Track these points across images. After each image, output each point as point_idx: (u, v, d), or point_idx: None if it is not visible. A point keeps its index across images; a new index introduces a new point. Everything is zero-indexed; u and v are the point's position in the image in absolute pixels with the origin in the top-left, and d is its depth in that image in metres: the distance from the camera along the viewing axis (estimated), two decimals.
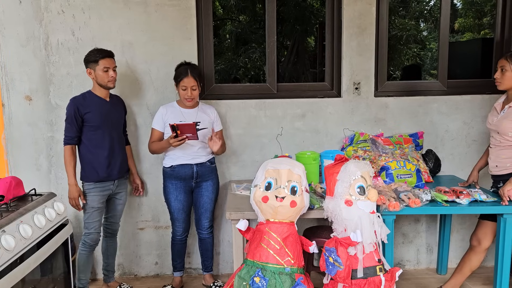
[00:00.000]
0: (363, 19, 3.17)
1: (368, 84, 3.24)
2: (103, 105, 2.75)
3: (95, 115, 2.70)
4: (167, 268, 3.36)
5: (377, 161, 2.95)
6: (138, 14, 3.06)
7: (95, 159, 2.73)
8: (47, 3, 3.01)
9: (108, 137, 2.75)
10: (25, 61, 3.05)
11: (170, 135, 2.71)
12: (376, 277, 2.24)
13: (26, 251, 1.90)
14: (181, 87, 2.80)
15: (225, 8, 8.60)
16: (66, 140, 2.70)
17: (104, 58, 2.67)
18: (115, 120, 2.82)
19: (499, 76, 2.61)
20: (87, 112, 2.68)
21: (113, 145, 2.78)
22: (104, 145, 2.74)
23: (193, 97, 2.84)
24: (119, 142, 2.85)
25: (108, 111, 2.77)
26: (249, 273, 2.24)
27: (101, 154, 2.73)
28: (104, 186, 2.77)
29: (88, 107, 2.69)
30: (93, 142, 2.72)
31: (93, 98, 2.74)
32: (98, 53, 2.68)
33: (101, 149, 2.73)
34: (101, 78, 2.69)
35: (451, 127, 3.32)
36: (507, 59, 2.57)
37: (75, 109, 2.66)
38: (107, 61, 2.68)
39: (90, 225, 2.77)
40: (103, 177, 2.75)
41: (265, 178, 2.34)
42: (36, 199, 2.21)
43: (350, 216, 2.25)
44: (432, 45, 13.12)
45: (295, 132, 3.27)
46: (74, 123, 2.67)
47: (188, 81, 2.79)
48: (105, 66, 2.67)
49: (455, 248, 3.43)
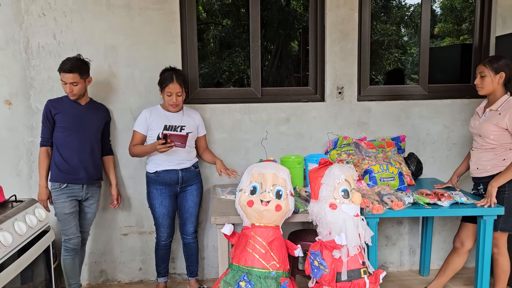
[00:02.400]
0: (346, 25, 3.21)
1: (351, 89, 3.28)
2: (76, 108, 2.74)
3: (65, 117, 2.70)
4: (151, 274, 3.32)
5: (361, 164, 2.98)
6: (121, 17, 3.04)
7: (62, 161, 2.70)
8: (28, 5, 2.96)
9: (79, 140, 2.72)
10: (4, 64, 2.99)
11: (158, 141, 2.68)
12: (360, 279, 2.25)
13: (6, 259, 1.85)
14: (166, 93, 2.79)
15: (208, 12, 8.60)
16: (41, 142, 2.75)
17: (61, 72, 2.65)
18: (88, 124, 2.77)
19: (479, 82, 2.66)
20: (57, 113, 2.70)
21: (83, 149, 2.74)
22: (73, 147, 2.71)
23: (178, 103, 2.83)
24: (92, 147, 2.79)
25: (81, 114, 2.74)
26: (235, 278, 2.24)
27: (68, 156, 2.71)
28: (71, 190, 2.72)
29: (60, 108, 2.71)
30: (62, 143, 2.71)
31: (67, 102, 2.75)
32: (61, 64, 2.66)
33: (70, 151, 2.71)
34: (63, 87, 2.69)
35: (432, 130, 3.38)
36: (485, 65, 2.62)
37: (47, 111, 2.71)
38: (64, 76, 2.64)
39: (67, 231, 2.73)
40: (68, 179, 2.71)
41: (250, 182, 2.34)
42: (16, 205, 2.16)
43: (335, 219, 2.27)
44: (413, 50, 13.36)
45: (279, 136, 3.28)
46: (47, 125, 2.71)
47: (174, 87, 2.77)
48: (62, 79, 2.66)
49: (437, 249, 3.48)
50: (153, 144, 2.73)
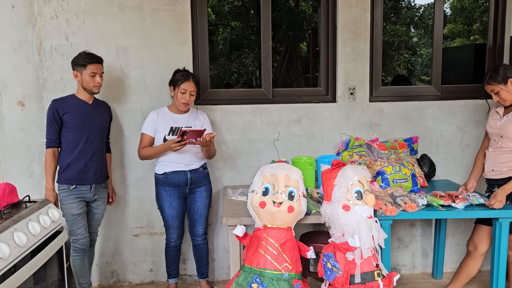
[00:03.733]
0: (358, 25, 3.19)
1: (363, 89, 3.26)
2: (84, 107, 2.72)
3: (73, 116, 2.67)
4: (162, 275, 3.32)
5: (373, 166, 2.95)
6: (133, 19, 3.05)
7: (71, 161, 2.68)
8: (41, 7, 2.98)
9: (88, 140, 2.71)
10: (17, 66, 3.01)
11: (172, 140, 2.68)
12: (374, 282, 2.23)
13: (20, 259, 1.86)
14: (181, 89, 2.79)
15: (217, 15, 8.63)
16: (47, 143, 2.69)
17: (92, 64, 2.65)
18: (95, 124, 2.76)
19: (498, 99, 2.63)
20: (65, 113, 2.66)
21: (90, 149, 2.73)
22: (82, 147, 2.69)
23: (190, 102, 2.83)
24: (99, 147, 2.79)
25: (89, 114, 2.73)
26: (247, 280, 2.22)
27: (78, 157, 2.68)
28: (79, 191, 2.71)
29: (67, 108, 2.67)
30: (70, 144, 2.68)
31: (74, 101, 2.72)
32: (87, 57, 2.66)
33: (79, 152, 2.68)
34: (86, 83, 2.67)
35: (445, 132, 3.34)
36: (490, 84, 2.61)
37: (54, 111, 2.65)
38: (95, 67, 2.66)
39: (75, 231, 2.73)
40: (76, 180, 2.69)
41: (262, 184, 2.33)
42: (30, 206, 2.17)
43: (348, 221, 2.25)
44: (423, 51, 13.27)
45: (290, 137, 3.26)
46: (53, 125, 2.66)
47: (189, 85, 2.78)
48: (93, 71, 2.65)
49: (450, 252, 3.44)
50: (166, 144, 2.73)
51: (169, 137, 2.82)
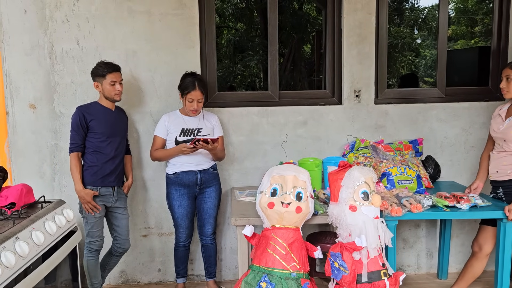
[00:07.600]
0: (363, 28, 3.23)
1: (368, 92, 3.30)
2: (109, 114, 2.80)
3: (100, 123, 2.74)
4: (170, 275, 3.37)
5: (378, 167, 2.99)
6: (142, 23, 3.10)
7: (97, 166, 2.75)
8: (52, 12, 3.04)
9: (112, 145, 2.79)
10: (29, 69, 3.07)
11: (185, 145, 2.78)
12: (380, 281, 2.27)
13: (38, 257, 1.91)
14: (188, 99, 2.85)
15: (221, 17, 8.69)
16: (72, 148, 2.74)
17: (111, 73, 2.72)
18: (119, 129, 2.86)
19: (505, 85, 2.64)
20: (92, 120, 2.73)
21: (115, 153, 2.81)
22: (109, 152, 2.78)
23: (198, 109, 2.90)
24: (121, 151, 2.89)
25: (114, 120, 2.82)
26: (256, 279, 2.27)
27: (104, 161, 2.76)
28: (102, 195, 2.78)
29: (93, 115, 2.74)
30: (97, 149, 2.75)
31: (99, 108, 2.79)
32: (105, 67, 2.73)
33: (105, 157, 2.76)
34: (108, 92, 2.74)
35: (450, 133, 3.38)
36: (511, 68, 2.62)
37: (81, 117, 2.71)
38: (114, 75, 2.73)
39: (94, 233, 2.79)
40: (102, 183, 2.76)
41: (271, 184, 2.37)
42: (46, 206, 2.23)
43: (355, 221, 2.29)
44: (426, 53, 13.28)
45: (297, 139, 3.31)
46: (79, 131, 2.72)
47: (196, 94, 2.84)
48: (112, 80, 2.72)
49: (455, 253, 3.47)
50: (178, 147, 2.82)
51: (180, 138, 2.90)
